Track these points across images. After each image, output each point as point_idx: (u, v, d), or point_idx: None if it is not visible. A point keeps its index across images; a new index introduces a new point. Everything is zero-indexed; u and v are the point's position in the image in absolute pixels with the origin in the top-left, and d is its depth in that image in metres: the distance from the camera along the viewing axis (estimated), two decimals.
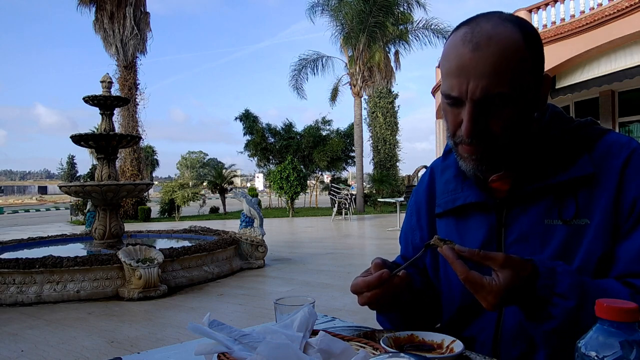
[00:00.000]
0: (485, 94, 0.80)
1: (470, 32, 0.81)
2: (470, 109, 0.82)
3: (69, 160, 58.46)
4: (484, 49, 0.79)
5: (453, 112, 0.86)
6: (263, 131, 23.77)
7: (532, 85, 0.84)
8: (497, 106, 0.81)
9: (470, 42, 0.80)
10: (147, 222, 17.51)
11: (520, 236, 0.90)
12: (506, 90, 0.80)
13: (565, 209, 0.86)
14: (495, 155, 0.87)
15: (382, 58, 20.51)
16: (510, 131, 0.84)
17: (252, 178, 79.98)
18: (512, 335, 0.91)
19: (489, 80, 0.79)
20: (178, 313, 4.68)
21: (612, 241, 0.85)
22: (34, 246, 7.40)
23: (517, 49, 0.80)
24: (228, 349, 0.75)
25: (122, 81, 19.05)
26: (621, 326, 0.50)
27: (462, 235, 0.98)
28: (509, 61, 0.79)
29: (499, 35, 0.80)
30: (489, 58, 0.79)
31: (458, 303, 1.00)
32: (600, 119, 11.90)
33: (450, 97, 0.84)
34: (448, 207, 1.00)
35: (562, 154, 0.88)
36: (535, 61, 0.84)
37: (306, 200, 27.11)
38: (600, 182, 0.85)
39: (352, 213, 17.20)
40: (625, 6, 8.76)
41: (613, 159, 0.86)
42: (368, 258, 8.42)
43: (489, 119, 0.83)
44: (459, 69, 0.81)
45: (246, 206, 7.80)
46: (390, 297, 0.89)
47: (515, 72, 0.80)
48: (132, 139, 7.64)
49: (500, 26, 0.81)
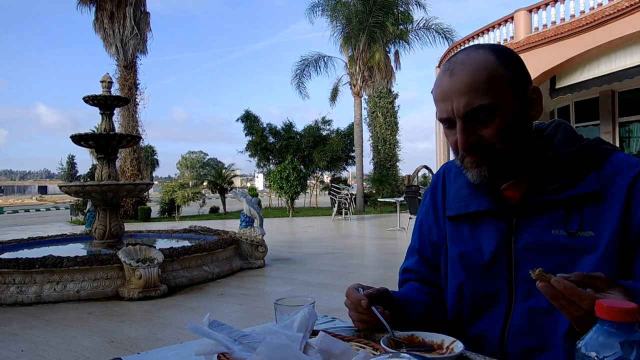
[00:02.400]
0: (467, 108, 0.90)
1: (448, 63, 0.95)
2: (460, 125, 0.92)
3: (69, 160, 58.54)
4: (459, 73, 0.92)
5: (451, 134, 0.96)
6: (263, 131, 23.78)
7: (515, 96, 0.92)
8: (483, 118, 0.91)
9: (447, 70, 0.94)
10: (147, 222, 17.50)
11: (528, 244, 0.96)
12: (486, 102, 0.90)
13: (571, 222, 0.92)
14: (496, 161, 0.94)
15: (382, 58, 20.48)
16: (502, 138, 0.92)
17: (252, 178, 79.98)
18: (520, 331, 0.96)
19: (467, 97, 0.90)
20: (178, 313, 4.68)
21: (622, 256, 0.89)
22: (34, 246, 7.40)
23: (488, 66, 0.91)
24: (228, 349, 0.75)
25: (122, 81, 19.03)
26: (621, 326, 0.50)
27: (478, 240, 1.03)
28: (482, 77, 0.90)
29: (471, 59, 0.93)
30: (464, 78, 0.91)
31: (468, 301, 1.05)
32: (600, 119, 11.90)
33: (443, 120, 0.96)
34: (461, 212, 1.07)
35: (571, 170, 0.94)
36: (514, 75, 0.93)
37: (306, 200, 27.10)
38: (606, 198, 0.91)
39: (352, 213, 17.20)
40: (625, 6, 8.75)
41: (620, 177, 0.92)
42: (368, 258, 8.47)
43: (479, 130, 0.92)
44: (443, 94, 0.94)
45: (246, 206, 7.80)
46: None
47: (491, 86, 0.90)
48: (132, 139, 7.64)
49: (472, 52, 0.94)
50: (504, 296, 0.99)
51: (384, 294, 1.03)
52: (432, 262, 1.16)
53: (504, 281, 0.99)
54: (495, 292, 1.00)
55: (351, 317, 1.01)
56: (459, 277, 1.06)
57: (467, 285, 1.04)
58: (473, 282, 1.03)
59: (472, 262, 1.03)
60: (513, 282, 0.98)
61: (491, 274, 1.00)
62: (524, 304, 0.96)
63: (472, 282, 1.03)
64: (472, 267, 1.03)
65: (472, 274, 1.03)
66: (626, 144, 11.84)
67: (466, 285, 1.05)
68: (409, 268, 1.20)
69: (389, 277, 5.35)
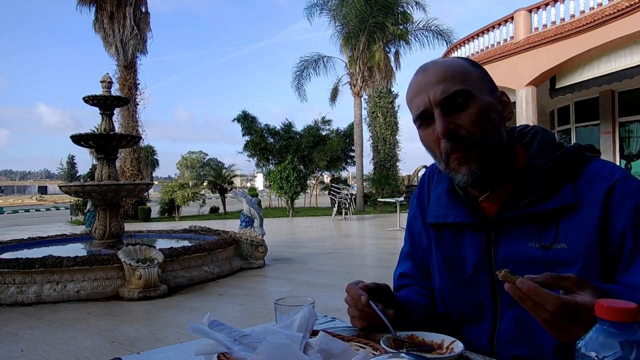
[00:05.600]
0: (445, 94, 0.91)
1: (422, 66, 0.98)
2: (438, 113, 0.92)
3: (69, 160, 58.52)
4: (432, 68, 0.95)
5: (429, 131, 0.95)
6: (262, 131, 23.77)
7: (488, 91, 0.95)
8: (461, 103, 0.91)
9: (420, 69, 0.97)
10: (147, 222, 17.50)
11: (507, 256, 0.96)
12: (462, 87, 0.91)
13: (545, 235, 0.92)
14: (482, 155, 0.92)
15: (382, 58, 20.49)
16: (481, 126, 0.91)
17: (252, 178, 79.96)
18: (509, 339, 0.96)
19: (443, 84, 0.91)
20: (178, 313, 4.68)
21: (604, 269, 0.88)
22: (34, 246, 7.40)
23: (460, 63, 0.95)
24: (228, 349, 0.75)
25: (122, 81, 19.05)
26: (621, 326, 0.50)
27: (460, 249, 1.03)
28: (456, 69, 0.93)
29: (442, 60, 0.98)
30: (438, 70, 0.93)
31: (456, 308, 1.05)
32: (600, 119, 11.90)
33: (420, 115, 0.95)
34: (439, 220, 1.06)
35: (547, 182, 0.93)
36: (484, 75, 0.97)
37: (306, 200, 27.10)
38: (581, 210, 0.90)
39: (352, 213, 17.20)
40: (625, 6, 8.75)
41: (595, 188, 0.90)
42: (368, 258, 8.46)
43: (457, 119, 0.91)
44: (418, 88, 0.95)
45: (246, 206, 7.80)
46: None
47: (465, 76, 0.93)
48: (132, 139, 7.64)
49: (443, 58, 0.99)
50: (490, 304, 0.98)
51: (383, 290, 1.03)
52: (422, 266, 1.16)
53: (487, 290, 0.98)
54: (481, 301, 1.00)
55: (350, 314, 1.00)
56: (445, 282, 1.06)
57: (453, 292, 1.04)
58: (458, 289, 1.03)
59: (456, 270, 1.03)
60: (497, 291, 0.97)
61: (475, 283, 1.00)
62: (510, 312, 0.95)
63: (458, 290, 1.03)
64: (457, 274, 1.03)
65: (457, 281, 1.03)
66: (626, 144, 11.84)
67: (452, 292, 1.05)
68: (404, 273, 1.20)
69: (389, 277, 5.30)
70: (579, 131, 12.76)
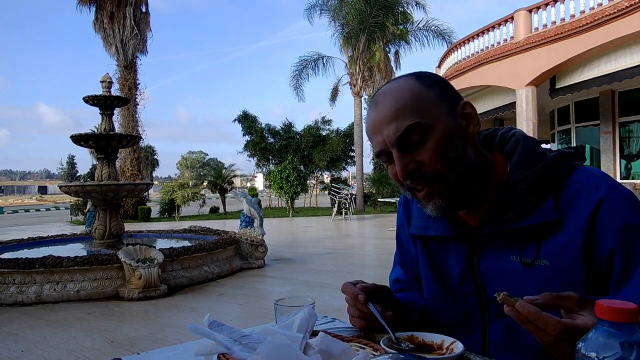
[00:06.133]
0: (398, 133, 0.86)
1: (374, 97, 0.94)
2: (396, 153, 0.88)
3: (69, 160, 58.56)
4: (382, 103, 0.90)
5: (392, 168, 0.91)
6: (262, 131, 23.77)
7: (445, 113, 0.88)
8: (417, 140, 0.86)
9: (373, 103, 0.93)
10: (147, 222, 17.50)
11: (489, 269, 0.94)
12: (416, 120, 0.86)
13: (527, 251, 0.89)
14: (447, 188, 0.89)
15: (382, 58, 20.50)
16: (443, 160, 0.87)
17: (252, 178, 79.96)
18: (500, 347, 0.95)
19: (395, 122, 0.87)
20: (178, 313, 4.68)
21: (591, 288, 0.85)
22: (34, 246, 7.40)
23: (411, 89, 0.88)
24: (228, 350, 0.75)
25: (122, 81, 19.06)
26: (621, 327, 0.50)
27: (445, 259, 1.02)
28: (406, 100, 0.87)
29: (392, 88, 0.91)
30: (388, 106, 0.88)
31: (447, 321, 1.04)
32: (600, 118, 11.90)
33: (380, 154, 0.92)
34: (421, 232, 1.05)
35: (528, 197, 0.89)
36: (440, 93, 0.90)
37: (306, 200, 27.10)
38: (565, 227, 0.87)
39: (352, 213, 17.20)
40: (625, 6, 8.75)
41: (579, 204, 0.87)
42: (368, 258, 8.46)
43: (416, 156, 0.87)
44: (373, 128, 0.91)
45: (246, 206, 7.80)
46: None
47: (416, 105, 0.87)
48: (132, 139, 7.64)
49: (394, 82, 0.93)
50: (478, 314, 0.98)
51: (382, 291, 1.02)
52: (413, 274, 1.15)
53: (474, 299, 0.97)
54: (469, 310, 0.99)
55: (349, 313, 1.00)
56: (433, 291, 1.06)
57: (442, 301, 1.04)
58: (446, 299, 1.02)
59: (442, 280, 1.03)
60: (483, 300, 0.96)
61: (462, 293, 0.99)
62: (500, 321, 0.94)
63: (446, 299, 1.03)
64: (443, 284, 1.03)
65: (444, 291, 1.03)
66: (626, 144, 11.84)
67: (441, 302, 1.04)
68: (398, 279, 1.20)
69: (389, 277, 5.33)
70: (579, 131, 12.76)
